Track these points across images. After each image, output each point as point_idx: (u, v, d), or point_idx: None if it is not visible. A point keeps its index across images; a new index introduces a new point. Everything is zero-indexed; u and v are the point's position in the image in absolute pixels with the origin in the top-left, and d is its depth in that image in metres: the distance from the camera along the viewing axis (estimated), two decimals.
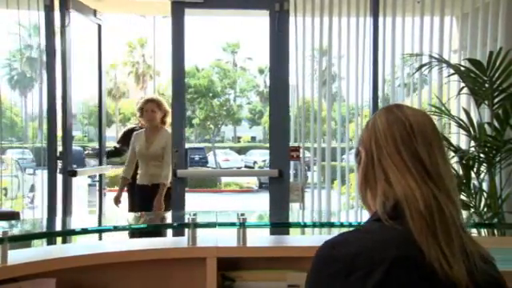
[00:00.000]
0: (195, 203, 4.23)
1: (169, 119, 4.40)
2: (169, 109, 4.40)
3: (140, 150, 4.44)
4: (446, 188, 1.04)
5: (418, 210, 1.00)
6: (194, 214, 1.62)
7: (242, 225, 1.61)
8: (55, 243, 3.39)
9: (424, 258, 0.97)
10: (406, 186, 1.03)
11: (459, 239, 1.00)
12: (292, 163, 4.29)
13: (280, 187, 4.20)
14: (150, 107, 4.46)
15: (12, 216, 3.69)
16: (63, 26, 3.92)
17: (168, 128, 4.48)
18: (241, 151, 28.54)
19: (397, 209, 1.03)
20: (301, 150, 4.21)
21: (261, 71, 28.51)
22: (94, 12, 4.58)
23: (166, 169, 4.28)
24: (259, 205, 4.43)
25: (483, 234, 3.31)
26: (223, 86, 27.69)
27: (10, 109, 5.01)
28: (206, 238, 1.70)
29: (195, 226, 1.59)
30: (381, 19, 4.20)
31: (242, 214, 1.64)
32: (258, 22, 4.20)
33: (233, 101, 28.16)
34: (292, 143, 4.26)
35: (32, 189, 4.95)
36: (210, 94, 26.88)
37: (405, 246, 0.98)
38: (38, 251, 1.57)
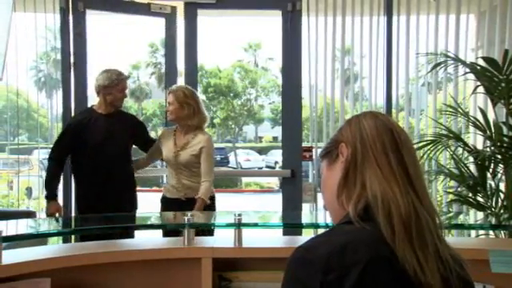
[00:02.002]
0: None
1: (200, 119, 3.52)
2: (198, 105, 3.50)
3: (167, 156, 3.52)
4: (429, 202, 1.05)
5: (398, 213, 1.00)
6: (191, 215, 1.63)
7: (238, 225, 1.61)
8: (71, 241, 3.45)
9: (397, 259, 0.98)
10: (387, 189, 1.03)
11: (434, 247, 1.01)
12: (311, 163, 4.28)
13: (293, 187, 4.20)
14: (169, 99, 3.53)
15: (28, 215, 3.79)
16: (76, 27, 3.98)
17: (206, 132, 3.62)
18: (262, 151, 28.55)
19: (368, 211, 1.03)
20: (313, 150, 4.19)
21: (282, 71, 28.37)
22: (148, 6, 4.26)
23: (205, 182, 3.42)
24: (278, 205, 4.41)
25: (501, 235, 3.26)
26: (244, 86, 27.75)
27: (36, 110, 5.13)
28: (204, 239, 1.71)
29: (191, 226, 1.60)
30: (395, 18, 4.16)
31: (239, 215, 1.65)
32: (280, 22, 4.19)
33: (254, 101, 28.20)
34: (311, 143, 4.26)
35: None
36: (232, 94, 26.97)
37: (377, 247, 0.98)
38: (36, 251, 1.60)
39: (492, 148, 3.43)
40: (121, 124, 3.58)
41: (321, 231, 1.83)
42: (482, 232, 3.45)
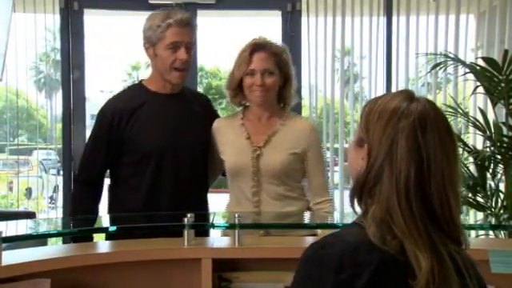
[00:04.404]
0: (217, 203, 3.61)
1: (293, 94, 2.13)
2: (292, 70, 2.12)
3: (238, 161, 2.06)
4: (457, 233, 1.03)
5: (427, 258, 0.98)
6: (191, 215, 1.63)
7: (238, 226, 1.61)
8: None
9: (407, 260, 0.98)
10: (409, 237, 0.99)
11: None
12: None
13: None
14: (262, 63, 2.02)
15: (28, 216, 3.77)
16: (72, 27, 3.99)
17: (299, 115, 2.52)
18: None
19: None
20: None
21: None
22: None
23: (328, 202, 2.11)
24: None
25: (501, 236, 3.26)
26: None
27: (36, 110, 5.14)
28: (204, 239, 1.71)
29: (191, 226, 1.60)
30: (394, 18, 4.16)
31: (239, 215, 1.65)
32: (279, 23, 4.19)
33: None
34: None
35: (55, 189, 5.07)
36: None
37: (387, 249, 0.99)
38: (36, 251, 1.60)
39: (492, 148, 3.43)
40: (195, 110, 2.20)
41: (321, 231, 1.84)
42: (481, 232, 3.45)
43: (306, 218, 2.12)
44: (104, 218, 2.17)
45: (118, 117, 2.07)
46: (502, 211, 3.40)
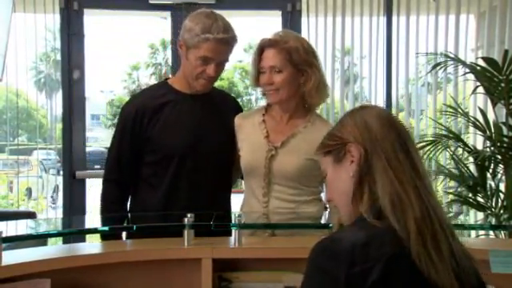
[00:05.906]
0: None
1: (322, 94, 2.11)
2: (321, 68, 2.10)
3: (251, 159, 1.99)
4: (436, 200, 1.09)
5: (413, 216, 1.02)
6: (191, 216, 1.63)
7: (238, 226, 1.61)
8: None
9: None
10: (401, 192, 1.04)
11: (448, 246, 1.04)
12: None
13: None
14: (268, 60, 1.96)
15: (28, 216, 3.78)
16: (74, 27, 4.01)
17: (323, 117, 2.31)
18: None
19: (381, 211, 1.06)
20: None
21: None
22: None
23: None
24: None
25: (501, 236, 3.26)
26: (245, 87, 27.76)
27: (36, 110, 5.14)
28: (204, 239, 1.71)
29: (191, 227, 1.60)
30: (395, 18, 4.17)
31: (239, 215, 1.65)
32: (279, 23, 4.20)
33: (254, 102, 28.19)
34: None
35: (55, 189, 5.07)
36: (233, 95, 26.97)
37: (396, 244, 1.02)
38: (36, 251, 1.60)
39: (492, 148, 3.43)
40: (223, 112, 2.14)
41: (321, 231, 1.84)
42: (482, 232, 3.45)
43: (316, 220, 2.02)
44: (104, 218, 2.18)
45: (141, 112, 2.04)
46: (502, 211, 3.40)
